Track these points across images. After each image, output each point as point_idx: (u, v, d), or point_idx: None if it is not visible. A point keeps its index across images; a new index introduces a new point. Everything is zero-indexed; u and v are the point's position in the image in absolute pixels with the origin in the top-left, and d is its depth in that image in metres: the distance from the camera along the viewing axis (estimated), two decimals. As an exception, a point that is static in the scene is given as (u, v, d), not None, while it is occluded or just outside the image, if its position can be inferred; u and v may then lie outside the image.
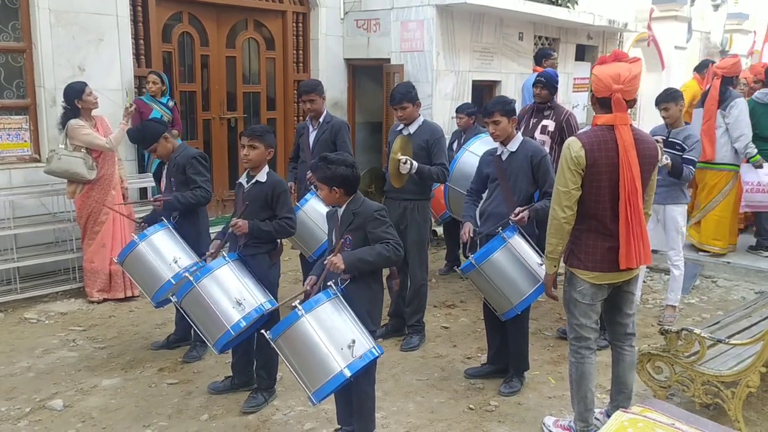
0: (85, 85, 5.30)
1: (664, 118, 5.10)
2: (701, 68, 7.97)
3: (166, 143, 4.32)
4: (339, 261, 3.06)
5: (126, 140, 5.62)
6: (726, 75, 6.39)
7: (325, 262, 3.13)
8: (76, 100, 5.26)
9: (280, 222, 3.69)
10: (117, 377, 4.19)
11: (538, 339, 4.89)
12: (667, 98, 5.06)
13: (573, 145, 3.11)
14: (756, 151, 6.28)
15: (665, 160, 4.90)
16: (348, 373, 2.93)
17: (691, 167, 4.97)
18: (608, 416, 3.38)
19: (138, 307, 5.44)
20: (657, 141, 4.97)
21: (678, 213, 5.10)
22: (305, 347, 2.98)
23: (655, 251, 5.94)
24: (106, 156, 5.38)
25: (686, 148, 4.99)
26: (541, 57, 7.31)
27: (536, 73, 6.32)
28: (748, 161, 6.34)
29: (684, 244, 5.38)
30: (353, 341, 2.98)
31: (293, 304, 3.02)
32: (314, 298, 3.06)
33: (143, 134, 4.38)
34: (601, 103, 3.16)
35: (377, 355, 3.06)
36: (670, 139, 5.03)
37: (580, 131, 3.17)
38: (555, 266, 3.30)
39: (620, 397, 3.47)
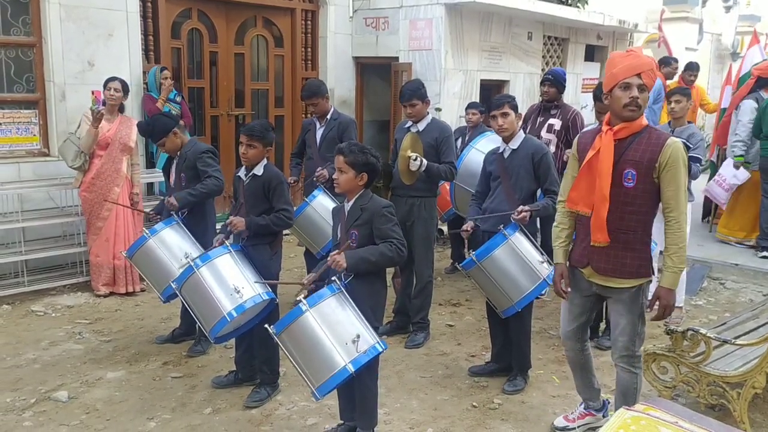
0: (112, 80, 5.39)
1: (672, 110, 5.11)
2: (684, 69, 8.27)
3: (175, 138, 4.33)
4: (341, 259, 3.05)
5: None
6: (762, 76, 6.86)
7: (328, 259, 3.13)
8: (103, 91, 5.39)
9: (277, 214, 3.69)
10: (122, 370, 4.21)
11: (542, 338, 4.87)
12: (682, 91, 5.16)
13: (681, 144, 2.98)
14: (741, 153, 6.70)
15: None
16: (352, 368, 2.92)
17: (697, 165, 4.97)
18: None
19: (144, 302, 5.46)
20: None
21: None
22: (309, 342, 2.98)
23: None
24: (111, 152, 5.40)
25: (690, 146, 4.99)
26: (660, 64, 7.90)
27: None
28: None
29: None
30: (358, 336, 2.97)
31: (297, 299, 3.02)
32: (318, 293, 3.05)
33: (153, 127, 4.38)
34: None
35: (381, 350, 3.06)
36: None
37: (659, 127, 3.13)
38: None
39: None
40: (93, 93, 5.40)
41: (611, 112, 3.01)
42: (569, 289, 3.27)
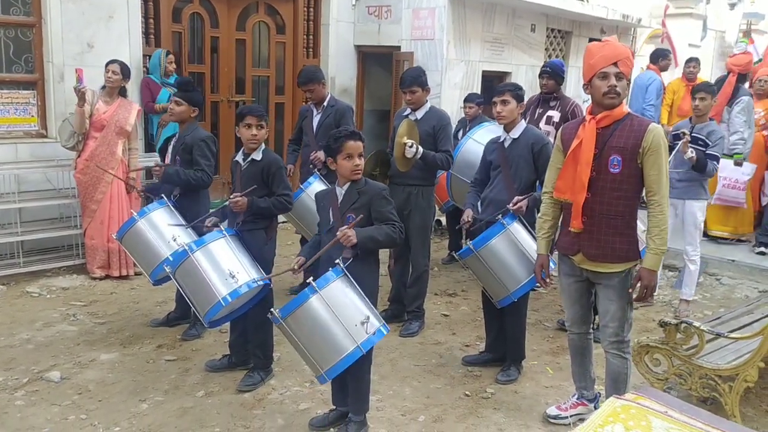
0: (111, 62, 5.36)
1: (695, 107, 5.07)
2: (685, 63, 8.26)
3: (191, 112, 4.36)
4: (353, 234, 3.03)
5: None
6: (741, 72, 6.68)
7: (338, 234, 3.11)
8: (103, 73, 5.37)
9: (278, 198, 3.69)
10: (115, 352, 4.21)
11: (537, 330, 4.88)
12: (707, 89, 5.10)
13: (662, 130, 3.05)
14: (741, 149, 6.51)
15: (690, 153, 4.85)
16: (363, 350, 2.95)
17: (714, 162, 4.95)
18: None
19: (139, 285, 5.45)
20: (683, 133, 4.95)
21: (697, 209, 5.09)
22: (318, 326, 2.98)
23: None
24: (106, 135, 5.37)
25: (709, 143, 4.96)
26: (657, 56, 8.00)
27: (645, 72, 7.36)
28: (731, 156, 6.56)
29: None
30: (367, 317, 2.98)
31: (307, 281, 3.02)
32: (324, 276, 3.04)
33: (192, 89, 4.42)
34: None
35: (386, 332, 3.08)
36: (693, 134, 5.00)
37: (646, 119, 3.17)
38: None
39: None
40: (76, 71, 5.36)
41: (593, 102, 3.11)
42: (549, 279, 3.47)
